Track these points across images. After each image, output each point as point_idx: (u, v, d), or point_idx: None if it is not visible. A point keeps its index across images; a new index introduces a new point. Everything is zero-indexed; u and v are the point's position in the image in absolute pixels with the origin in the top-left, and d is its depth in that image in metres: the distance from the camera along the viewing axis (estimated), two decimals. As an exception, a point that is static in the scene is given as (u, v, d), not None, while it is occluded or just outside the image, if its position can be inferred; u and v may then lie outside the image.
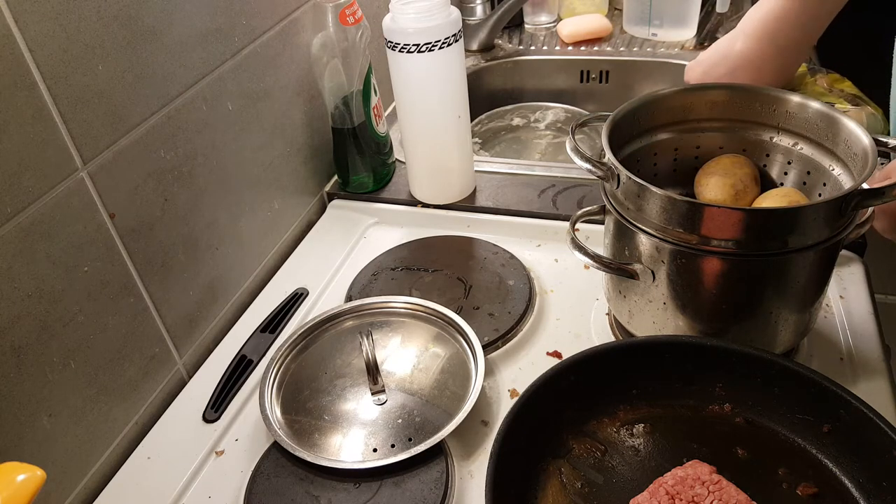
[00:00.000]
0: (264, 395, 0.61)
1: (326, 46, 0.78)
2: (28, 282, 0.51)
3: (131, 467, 0.60)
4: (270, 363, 0.64)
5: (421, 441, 0.56)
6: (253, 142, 0.75)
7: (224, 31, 0.69)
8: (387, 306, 0.69)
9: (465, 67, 0.79)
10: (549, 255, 0.78)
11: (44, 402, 0.54)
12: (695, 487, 0.48)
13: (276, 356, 0.64)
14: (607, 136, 0.57)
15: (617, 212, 0.57)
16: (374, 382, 0.60)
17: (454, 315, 0.66)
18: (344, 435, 0.58)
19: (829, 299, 0.67)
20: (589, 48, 1.19)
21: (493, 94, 1.20)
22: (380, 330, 0.67)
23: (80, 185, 0.55)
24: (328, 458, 0.56)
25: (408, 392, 0.60)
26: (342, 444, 0.57)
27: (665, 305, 0.57)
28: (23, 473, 0.35)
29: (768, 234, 0.51)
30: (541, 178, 0.87)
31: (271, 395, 0.62)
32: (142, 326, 0.63)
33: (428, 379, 0.61)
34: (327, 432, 0.58)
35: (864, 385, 0.59)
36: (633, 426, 0.55)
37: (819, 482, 0.50)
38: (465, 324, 0.64)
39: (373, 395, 0.60)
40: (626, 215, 0.56)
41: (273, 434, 0.57)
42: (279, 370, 0.64)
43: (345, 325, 0.68)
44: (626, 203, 0.56)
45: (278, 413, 0.60)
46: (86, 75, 0.54)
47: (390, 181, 0.90)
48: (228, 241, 0.73)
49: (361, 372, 0.62)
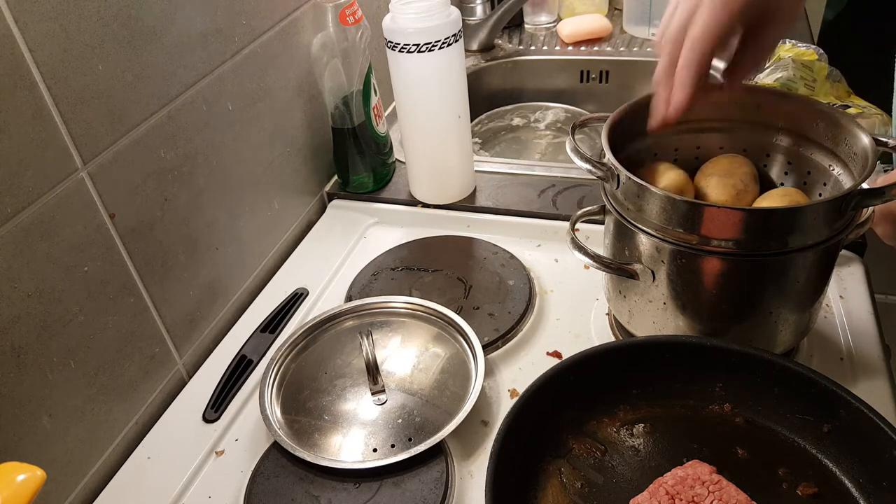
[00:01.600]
0: (264, 394, 0.61)
1: (326, 46, 0.78)
2: (28, 282, 0.51)
3: (131, 467, 0.60)
4: (270, 363, 0.64)
5: (421, 441, 0.56)
6: (253, 142, 0.75)
7: (224, 32, 0.69)
8: (387, 306, 0.69)
9: (465, 67, 0.79)
10: (549, 255, 0.78)
11: (44, 401, 0.54)
12: (695, 487, 0.48)
13: (276, 356, 0.64)
14: (607, 136, 0.57)
15: (617, 212, 0.57)
16: (374, 382, 0.60)
17: (454, 315, 0.66)
18: (344, 435, 0.58)
19: (829, 299, 0.67)
20: (589, 48, 1.19)
21: (493, 94, 1.20)
22: (380, 330, 0.67)
23: (80, 185, 0.55)
24: (328, 458, 0.56)
25: (408, 392, 0.60)
26: (342, 444, 0.57)
27: (665, 305, 0.57)
28: (23, 473, 0.34)
29: (768, 234, 0.51)
30: (541, 178, 0.87)
31: (271, 394, 0.62)
32: (142, 326, 0.63)
33: (428, 379, 0.61)
34: (327, 432, 0.58)
35: (864, 385, 0.59)
36: (633, 426, 0.55)
37: (819, 482, 0.50)
38: (466, 324, 0.64)
39: (373, 395, 0.60)
40: (626, 215, 0.56)
41: (273, 434, 0.57)
42: (279, 370, 0.64)
43: (345, 325, 0.68)
44: (626, 203, 0.56)
45: (278, 413, 0.60)
46: (86, 75, 0.54)
47: (390, 181, 0.90)
48: (228, 241, 0.73)
49: (361, 372, 0.62)
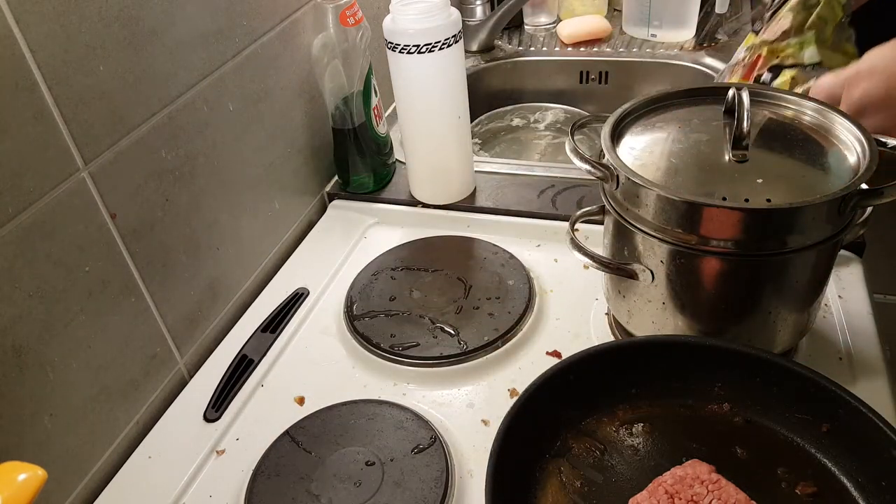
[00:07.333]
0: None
1: (327, 47, 0.79)
2: (29, 282, 0.51)
3: (132, 467, 0.60)
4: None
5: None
6: (254, 142, 0.75)
7: (225, 32, 0.69)
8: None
9: (465, 68, 0.79)
10: (549, 255, 0.78)
11: (45, 401, 0.54)
12: (694, 486, 0.48)
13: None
14: (608, 136, 0.57)
15: (616, 212, 0.57)
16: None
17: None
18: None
19: (827, 299, 0.67)
20: (588, 49, 1.19)
21: (492, 95, 1.20)
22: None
23: (82, 185, 0.55)
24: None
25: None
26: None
27: (664, 305, 0.58)
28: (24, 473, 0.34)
29: (767, 234, 0.51)
30: (540, 179, 0.87)
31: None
32: (143, 326, 0.63)
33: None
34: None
35: (863, 385, 0.59)
36: (633, 425, 0.55)
37: (818, 481, 0.50)
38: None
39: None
40: (626, 216, 0.56)
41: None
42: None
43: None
44: (626, 203, 0.56)
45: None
46: (87, 76, 0.54)
47: (390, 181, 0.90)
48: (229, 241, 0.73)
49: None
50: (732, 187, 0.52)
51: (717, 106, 0.60)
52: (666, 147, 0.57)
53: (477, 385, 0.64)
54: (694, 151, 0.56)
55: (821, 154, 0.55)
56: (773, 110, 0.60)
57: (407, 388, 0.65)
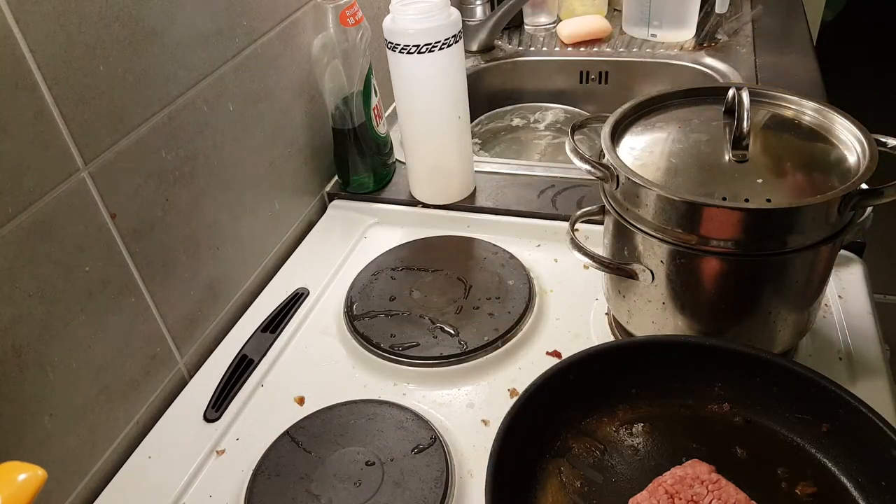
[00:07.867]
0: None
1: (327, 47, 0.79)
2: (29, 282, 0.51)
3: (132, 467, 0.60)
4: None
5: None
6: (254, 142, 0.75)
7: (225, 32, 0.69)
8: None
9: (464, 68, 0.79)
10: (549, 255, 0.78)
11: (45, 401, 0.54)
12: (694, 486, 0.48)
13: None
14: (608, 136, 0.57)
15: (616, 212, 0.57)
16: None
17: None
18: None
19: (827, 299, 0.67)
20: (588, 49, 1.19)
21: (492, 95, 1.20)
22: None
23: (82, 185, 0.55)
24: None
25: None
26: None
27: (664, 305, 0.58)
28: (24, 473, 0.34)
29: (767, 234, 0.51)
30: (540, 179, 0.87)
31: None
32: (143, 326, 0.63)
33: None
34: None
35: (863, 385, 0.59)
36: (633, 425, 0.55)
37: (818, 481, 0.50)
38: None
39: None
40: (626, 215, 0.56)
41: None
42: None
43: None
44: (626, 203, 0.56)
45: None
46: (87, 76, 0.54)
47: (390, 181, 0.90)
48: (229, 242, 0.73)
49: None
50: (732, 187, 0.52)
51: (717, 106, 0.60)
52: (666, 147, 0.57)
53: (477, 385, 0.64)
54: (694, 151, 0.56)
55: (821, 154, 0.55)
56: (773, 110, 0.60)
57: (407, 388, 0.65)
